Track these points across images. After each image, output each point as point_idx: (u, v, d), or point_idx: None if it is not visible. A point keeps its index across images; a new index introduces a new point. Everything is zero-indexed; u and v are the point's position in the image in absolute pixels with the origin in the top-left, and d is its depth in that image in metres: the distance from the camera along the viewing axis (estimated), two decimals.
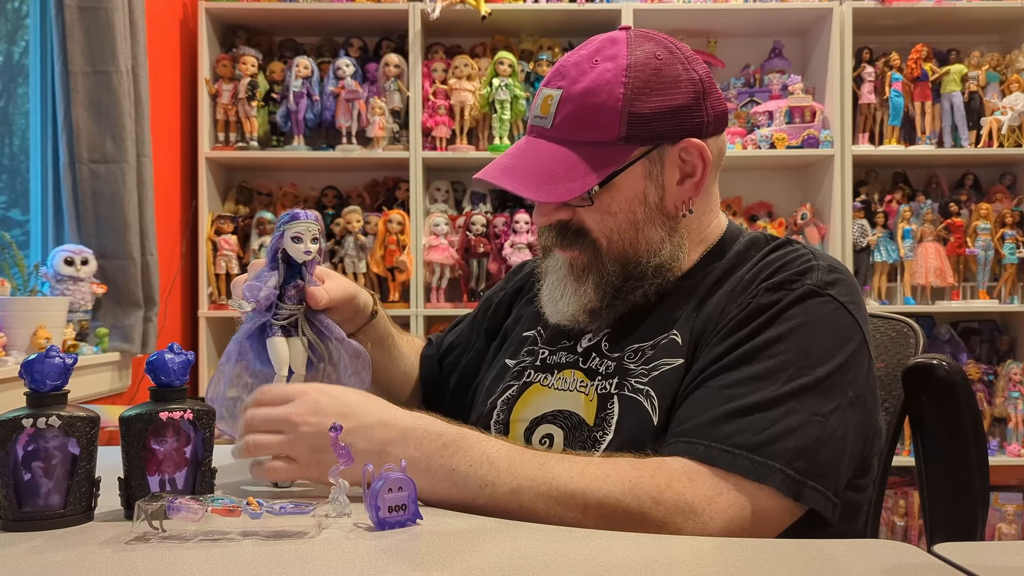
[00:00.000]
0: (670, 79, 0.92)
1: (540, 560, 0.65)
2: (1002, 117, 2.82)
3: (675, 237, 0.96)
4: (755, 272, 0.93)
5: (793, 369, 0.83)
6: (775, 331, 0.86)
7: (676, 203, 0.96)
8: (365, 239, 2.80)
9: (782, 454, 0.79)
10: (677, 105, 0.92)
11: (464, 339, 1.23)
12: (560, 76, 0.94)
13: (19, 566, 0.63)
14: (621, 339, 0.97)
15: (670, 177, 0.95)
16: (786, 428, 0.80)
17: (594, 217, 0.94)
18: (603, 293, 0.96)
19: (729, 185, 3.07)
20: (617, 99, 0.90)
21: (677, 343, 0.92)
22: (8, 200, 2.26)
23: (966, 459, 1.03)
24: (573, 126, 0.92)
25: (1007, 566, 0.66)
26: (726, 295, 0.93)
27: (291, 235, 0.89)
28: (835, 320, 0.87)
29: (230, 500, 0.72)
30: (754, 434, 0.79)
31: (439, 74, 2.87)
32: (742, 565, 0.65)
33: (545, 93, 0.95)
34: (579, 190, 0.91)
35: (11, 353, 1.73)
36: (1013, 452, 2.79)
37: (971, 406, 1.03)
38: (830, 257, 0.94)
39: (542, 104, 0.95)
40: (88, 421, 0.76)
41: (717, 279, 0.96)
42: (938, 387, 1.03)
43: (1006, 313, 2.99)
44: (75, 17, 2.05)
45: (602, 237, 0.95)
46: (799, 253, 0.94)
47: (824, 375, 0.83)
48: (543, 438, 0.96)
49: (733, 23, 2.96)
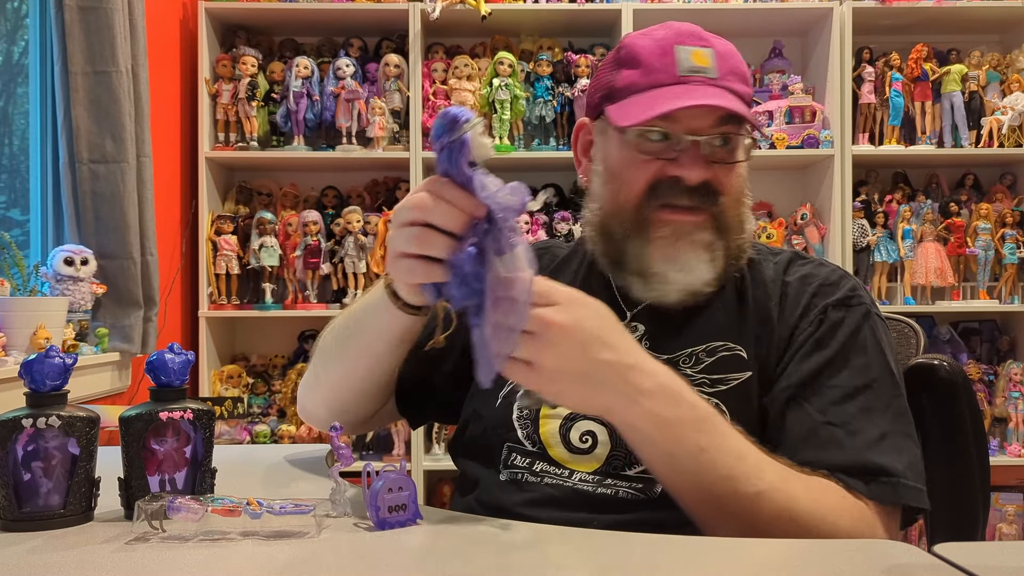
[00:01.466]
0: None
1: (540, 560, 0.65)
2: (1002, 117, 2.82)
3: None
4: (799, 285, 0.96)
5: (891, 389, 0.89)
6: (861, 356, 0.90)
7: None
8: (365, 239, 2.80)
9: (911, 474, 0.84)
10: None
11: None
12: (698, 37, 0.95)
13: (19, 566, 0.63)
14: (666, 339, 0.95)
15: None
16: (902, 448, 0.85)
17: (731, 180, 0.95)
18: (725, 261, 0.95)
19: None
20: (746, 67, 0.97)
21: (743, 357, 0.92)
22: (8, 200, 2.26)
23: (967, 460, 1.03)
24: (735, 81, 0.94)
25: (1007, 566, 0.66)
26: (775, 308, 0.95)
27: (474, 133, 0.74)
28: (886, 334, 0.95)
29: (230, 500, 0.72)
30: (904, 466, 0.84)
31: (439, 74, 2.87)
32: (743, 565, 0.65)
33: (693, 50, 0.94)
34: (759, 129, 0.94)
35: (11, 353, 1.73)
36: (1013, 452, 2.79)
37: (972, 406, 1.03)
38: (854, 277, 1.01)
39: (695, 58, 0.93)
40: (88, 421, 0.76)
41: (741, 288, 0.97)
42: (939, 388, 1.03)
43: (1006, 313, 2.99)
44: (75, 17, 2.05)
45: (732, 202, 0.95)
46: (832, 267, 1.00)
47: (901, 389, 0.91)
48: (584, 435, 0.93)
49: (733, 23, 2.96)
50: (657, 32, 0.97)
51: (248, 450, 1.34)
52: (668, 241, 0.93)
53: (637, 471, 0.90)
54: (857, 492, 0.82)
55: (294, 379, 2.80)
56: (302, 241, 2.80)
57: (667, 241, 0.93)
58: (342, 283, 2.85)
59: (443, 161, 0.75)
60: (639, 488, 0.89)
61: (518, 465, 0.95)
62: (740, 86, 0.94)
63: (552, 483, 0.92)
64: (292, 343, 3.01)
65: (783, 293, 0.96)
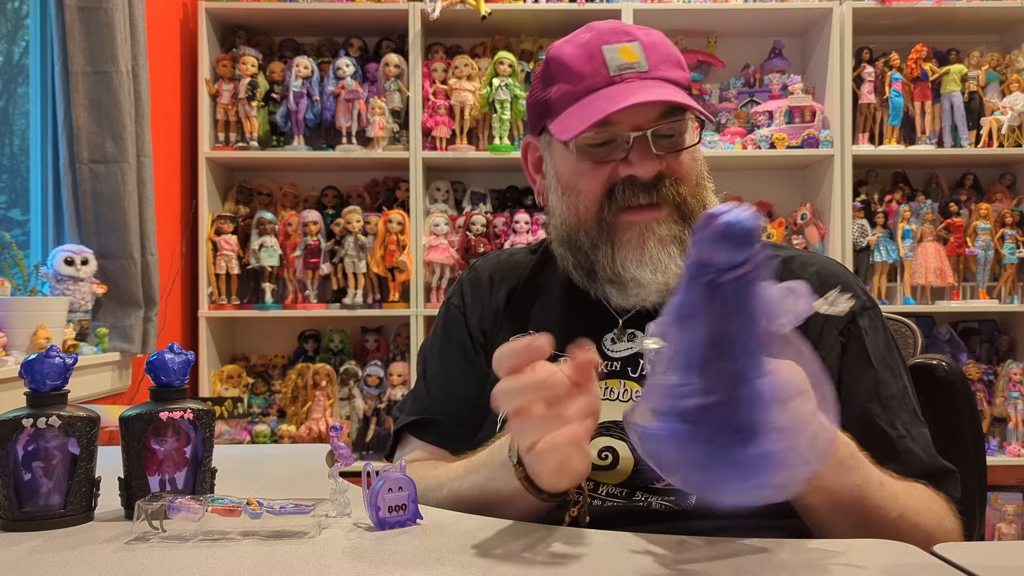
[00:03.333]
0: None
1: (540, 560, 0.65)
2: (1002, 117, 2.82)
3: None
4: (814, 281, 0.95)
5: (911, 386, 0.94)
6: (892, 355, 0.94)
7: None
8: (365, 239, 2.80)
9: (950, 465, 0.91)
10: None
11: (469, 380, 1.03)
12: (623, 33, 0.95)
13: (19, 566, 0.63)
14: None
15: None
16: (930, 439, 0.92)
17: (685, 166, 0.94)
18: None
19: (729, 185, 3.04)
20: (678, 52, 0.97)
21: None
22: (8, 200, 2.26)
23: (964, 460, 1.03)
24: (668, 68, 0.94)
25: (1007, 566, 0.66)
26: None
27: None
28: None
29: (230, 500, 0.72)
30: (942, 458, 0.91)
31: (439, 74, 2.87)
32: (743, 564, 0.65)
33: (620, 46, 0.93)
34: (701, 112, 0.92)
35: (11, 353, 1.73)
36: (1013, 452, 2.79)
37: (970, 406, 1.03)
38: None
39: (623, 54, 0.92)
40: (88, 421, 0.76)
41: None
42: (937, 387, 1.03)
43: (1006, 313, 2.99)
44: (75, 17, 2.05)
45: (690, 190, 0.94)
46: (830, 260, 1.03)
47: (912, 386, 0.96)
48: (603, 452, 0.90)
49: (733, 23, 2.96)
50: (581, 36, 0.96)
51: (248, 450, 1.34)
52: (635, 243, 0.92)
53: (665, 483, 0.87)
54: (943, 493, 0.88)
55: (294, 379, 2.81)
56: (302, 241, 2.80)
57: (634, 243, 0.92)
58: (342, 283, 2.85)
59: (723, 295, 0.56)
60: (671, 500, 0.88)
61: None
62: (674, 72, 0.94)
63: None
64: (292, 343, 3.01)
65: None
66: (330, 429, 0.76)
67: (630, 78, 0.91)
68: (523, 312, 1.04)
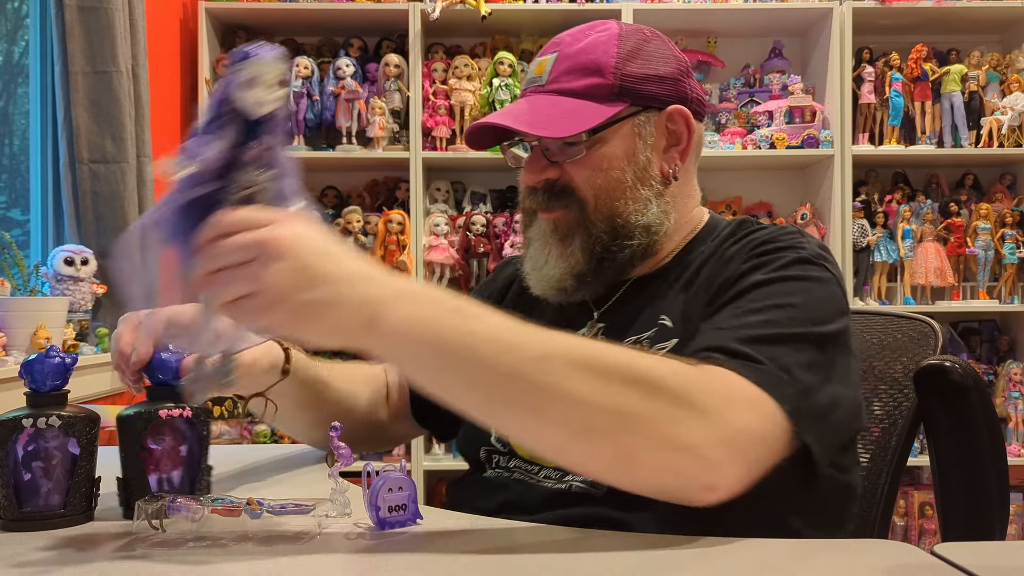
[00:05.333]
0: (658, 52, 0.97)
1: (540, 560, 0.65)
2: (1002, 117, 2.82)
3: (661, 202, 0.96)
4: (744, 244, 0.92)
5: (802, 319, 0.81)
6: (779, 286, 0.84)
7: (663, 168, 0.97)
8: (365, 239, 2.80)
9: (795, 385, 0.75)
10: (666, 74, 0.96)
11: None
12: (555, 44, 0.98)
13: (19, 566, 0.63)
14: (618, 331, 0.96)
15: (657, 142, 0.96)
16: (796, 363, 0.77)
17: (583, 173, 0.94)
18: (590, 254, 0.95)
19: (729, 185, 3.07)
20: (611, 56, 0.94)
21: (667, 327, 0.91)
22: (8, 200, 2.26)
23: (980, 464, 0.99)
24: (568, 79, 0.94)
25: (1007, 566, 0.66)
26: (715, 266, 0.92)
27: (243, 79, 0.66)
28: (832, 289, 0.86)
29: (230, 500, 0.72)
30: (771, 359, 0.76)
31: (439, 74, 2.87)
32: (742, 564, 0.65)
33: (540, 60, 0.98)
34: (575, 129, 0.91)
35: (11, 353, 1.73)
36: (1013, 452, 2.79)
37: (986, 409, 0.98)
38: (820, 240, 0.96)
39: (536, 68, 0.98)
40: (88, 421, 0.76)
41: (703, 261, 0.95)
42: (951, 390, 0.99)
43: (1006, 313, 2.99)
44: (75, 17, 2.05)
45: (589, 194, 0.94)
46: (788, 229, 0.94)
47: (826, 334, 0.81)
48: None
49: (733, 23, 2.96)
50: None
51: (248, 450, 1.34)
52: (537, 240, 0.98)
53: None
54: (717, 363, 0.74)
55: None
56: None
57: (536, 239, 0.98)
58: None
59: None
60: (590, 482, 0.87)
61: (500, 465, 0.96)
62: (574, 82, 0.94)
63: (519, 479, 0.93)
64: None
65: (721, 256, 0.92)
66: (330, 429, 0.76)
67: (529, 93, 0.97)
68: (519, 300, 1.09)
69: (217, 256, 0.64)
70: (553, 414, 0.67)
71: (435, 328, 0.67)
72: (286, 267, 0.64)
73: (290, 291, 0.64)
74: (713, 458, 0.69)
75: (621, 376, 0.68)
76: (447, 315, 0.68)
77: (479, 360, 0.67)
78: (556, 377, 0.67)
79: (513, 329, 0.69)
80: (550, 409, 0.67)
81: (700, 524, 0.72)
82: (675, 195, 0.99)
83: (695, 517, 0.71)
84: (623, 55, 0.94)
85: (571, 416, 0.67)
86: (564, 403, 0.67)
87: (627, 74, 0.94)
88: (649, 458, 0.68)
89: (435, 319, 0.67)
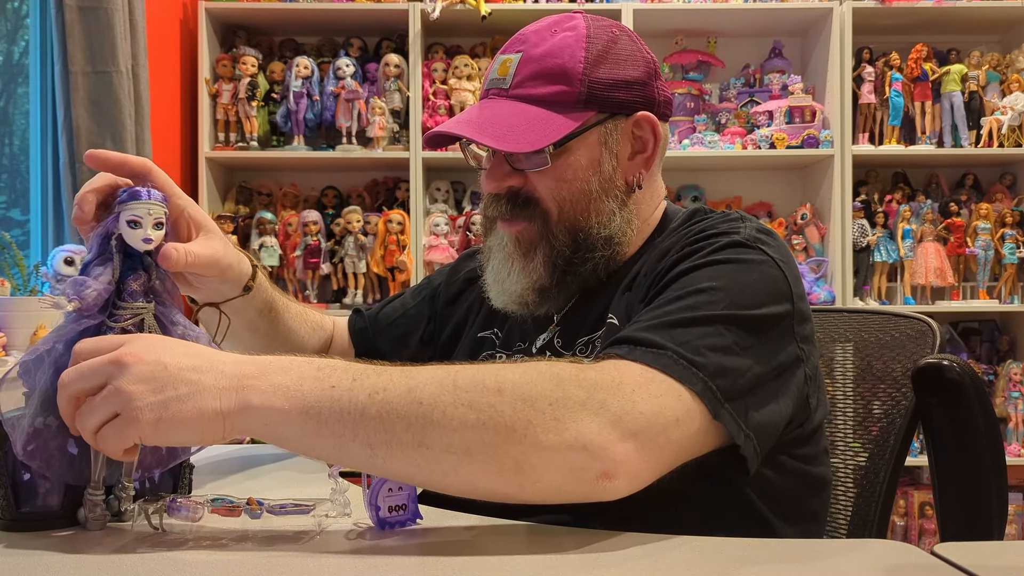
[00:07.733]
0: (627, 53, 0.93)
1: (540, 560, 0.65)
2: (1002, 117, 2.82)
3: (625, 212, 0.95)
4: (682, 235, 0.90)
5: (723, 301, 0.78)
6: (705, 271, 0.81)
7: (628, 177, 0.95)
8: (365, 239, 2.80)
9: (705, 367, 0.73)
10: (633, 78, 0.93)
11: (411, 318, 1.17)
12: (520, 42, 0.94)
13: (18, 566, 0.63)
14: (572, 334, 0.95)
15: (623, 150, 0.94)
16: (710, 345, 0.74)
17: (547, 184, 0.92)
18: (553, 268, 0.93)
19: (729, 185, 3.07)
20: (578, 62, 0.90)
21: (615, 325, 0.90)
22: (8, 200, 2.26)
23: (978, 464, 0.99)
24: (534, 85, 0.91)
25: (1007, 566, 0.66)
26: (651, 260, 0.90)
27: (127, 218, 0.73)
28: (767, 271, 0.82)
29: (230, 500, 0.72)
30: (679, 343, 0.73)
31: (439, 74, 2.87)
32: (740, 564, 0.65)
33: (503, 58, 0.93)
34: (541, 142, 0.88)
35: (11, 353, 1.73)
36: (1013, 452, 2.79)
37: (985, 409, 0.98)
38: (763, 225, 0.91)
39: (500, 68, 0.93)
40: None
41: (647, 257, 0.94)
42: (948, 388, 0.98)
43: (1006, 313, 2.99)
44: (75, 17, 2.05)
45: (553, 206, 0.92)
46: (729, 215, 0.91)
47: (753, 316, 0.78)
48: None
49: (733, 23, 2.96)
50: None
51: (248, 450, 1.34)
52: (499, 251, 0.95)
53: None
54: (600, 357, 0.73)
55: None
56: (302, 241, 2.80)
57: (497, 250, 0.95)
58: (342, 283, 2.85)
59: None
60: None
61: None
62: (539, 88, 0.90)
63: None
64: None
65: (656, 250, 0.91)
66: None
67: (491, 95, 0.93)
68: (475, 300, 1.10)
69: (71, 385, 0.65)
70: (433, 443, 0.66)
71: (296, 391, 0.66)
72: (136, 374, 0.63)
73: (146, 394, 0.63)
74: (600, 445, 0.67)
75: (490, 390, 0.67)
76: (309, 376, 0.67)
77: (346, 411, 0.66)
78: (427, 407, 0.66)
79: (376, 372, 0.68)
80: (429, 439, 0.65)
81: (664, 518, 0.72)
82: (638, 202, 0.97)
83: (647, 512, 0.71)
84: (591, 60, 0.91)
85: (452, 441, 0.66)
86: (441, 430, 0.65)
87: (595, 81, 0.91)
88: (534, 462, 0.66)
89: (295, 382, 0.66)
